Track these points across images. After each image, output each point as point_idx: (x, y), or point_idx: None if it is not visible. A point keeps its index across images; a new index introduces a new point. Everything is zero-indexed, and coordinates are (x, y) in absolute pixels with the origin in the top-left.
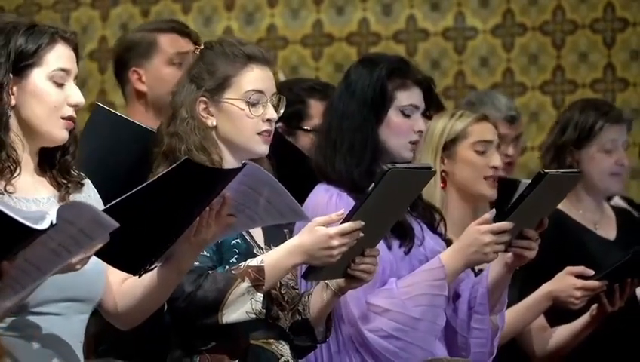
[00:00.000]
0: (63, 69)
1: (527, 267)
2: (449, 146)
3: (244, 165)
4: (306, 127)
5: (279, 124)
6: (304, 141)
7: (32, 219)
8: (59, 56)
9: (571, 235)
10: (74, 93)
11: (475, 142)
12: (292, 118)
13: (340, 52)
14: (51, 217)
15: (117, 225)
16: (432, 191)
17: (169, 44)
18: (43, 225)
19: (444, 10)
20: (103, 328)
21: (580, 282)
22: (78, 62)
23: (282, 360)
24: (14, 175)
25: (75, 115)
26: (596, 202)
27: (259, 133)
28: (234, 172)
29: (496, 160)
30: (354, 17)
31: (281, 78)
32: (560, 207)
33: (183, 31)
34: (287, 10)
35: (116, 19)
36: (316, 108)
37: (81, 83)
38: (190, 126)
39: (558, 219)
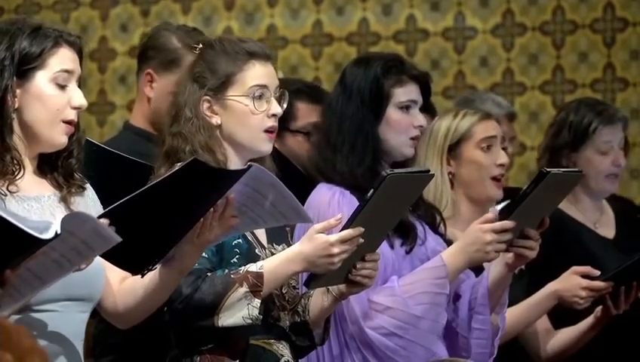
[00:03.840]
0: (65, 70)
1: (532, 267)
2: (454, 148)
3: (249, 166)
4: (292, 128)
5: None
6: (291, 142)
7: (37, 229)
8: (62, 59)
9: (571, 234)
10: (76, 96)
11: (480, 139)
12: (279, 120)
13: (340, 52)
14: (56, 227)
15: (119, 239)
16: (441, 192)
17: None
18: (48, 235)
19: (444, 10)
20: (101, 330)
21: (586, 282)
22: (81, 64)
23: (283, 360)
24: (18, 176)
25: (76, 119)
26: (594, 201)
27: (265, 131)
28: (239, 173)
29: (502, 157)
30: (354, 17)
31: (280, 77)
32: (560, 205)
33: None
34: (287, 10)
35: (116, 19)
36: (303, 111)
37: (81, 83)
38: (195, 126)
39: (558, 217)
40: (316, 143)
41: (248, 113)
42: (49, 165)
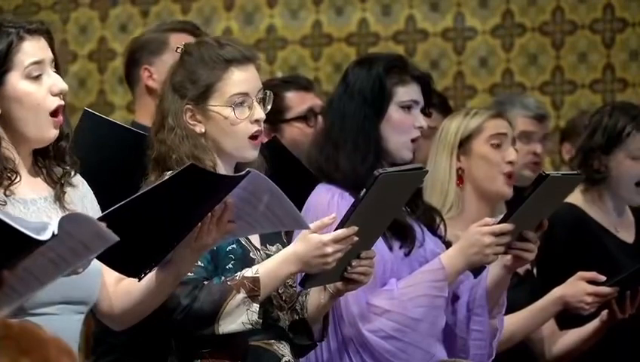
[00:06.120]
0: (35, 62)
1: (546, 265)
2: (465, 143)
3: (247, 172)
4: (287, 118)
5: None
6: (290, 132)
7: (33, 230)
8: (28, 52)
9: (592, 236)
10: (55, 82)
11: (491, 135)
12: (272, 115)
13: (340, 52)
14: (53, 228)
15: (117, 238)
16: (447, 190)
17: (179, 42)
18: (45, 236)
19: (444, 10)
20: (102, 329)
21: (591, 288)
22: (53, 48)
23: (283, 360)
24: (14, 182)
25: (62, 103)
26: (619, 205)
27: (250, 137)
28: (238, 178)
29: (511, 154)
30: (353, 18)
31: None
32: (583, 207)
33: (193, 31)
34: (287, 10)
35: (115, 19)
36: (293, 100)
37: (81, 83)
38: (179, 136)
39: (581, 219)
40: (316, 142)
41: (229, 124)
42: (42, 155)
